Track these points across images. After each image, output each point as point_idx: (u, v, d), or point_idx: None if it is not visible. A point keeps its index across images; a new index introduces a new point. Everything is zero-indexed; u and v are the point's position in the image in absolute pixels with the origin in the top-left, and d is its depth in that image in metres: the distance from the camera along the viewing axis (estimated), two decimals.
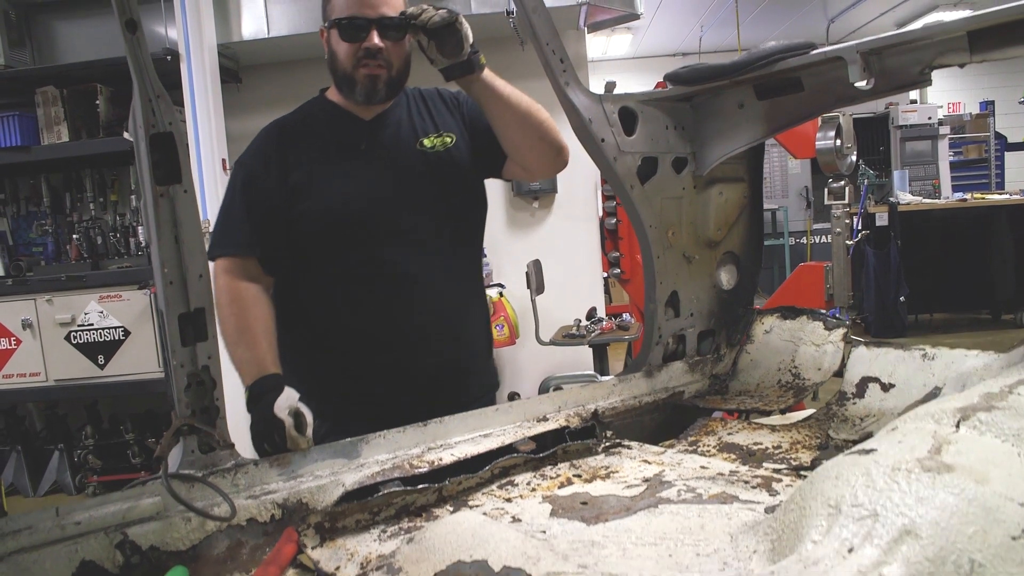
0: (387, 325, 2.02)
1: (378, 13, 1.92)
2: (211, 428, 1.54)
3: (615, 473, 1.74)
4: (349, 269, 2.01)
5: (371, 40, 1.92)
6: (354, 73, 1.95)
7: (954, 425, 1.20)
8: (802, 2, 11.14)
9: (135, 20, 1.39)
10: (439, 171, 2.08)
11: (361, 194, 2.00)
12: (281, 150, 2.01)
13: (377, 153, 2.04)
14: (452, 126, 2.14)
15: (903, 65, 1.84)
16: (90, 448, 5.15)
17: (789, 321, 2.30)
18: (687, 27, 12.09)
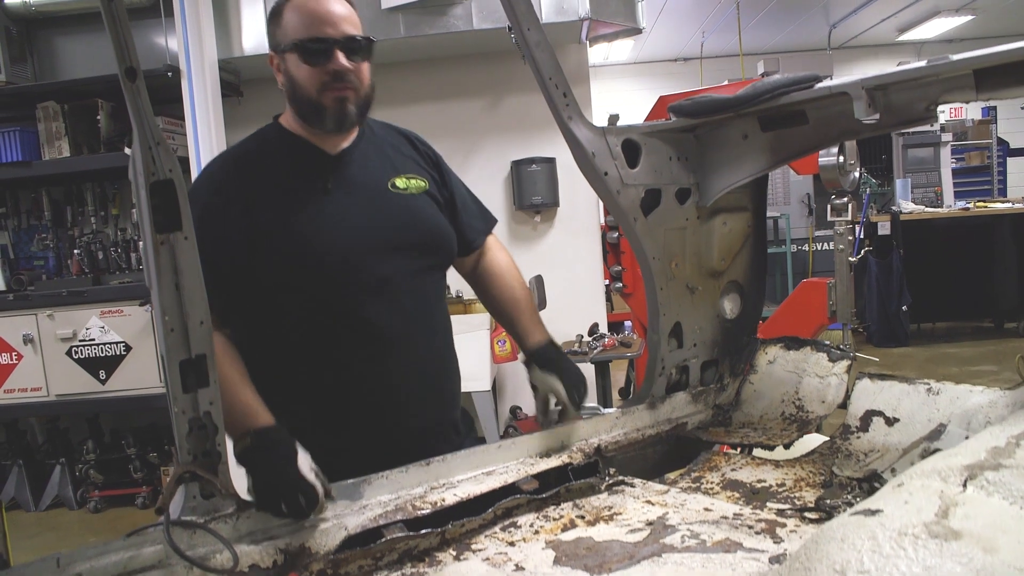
0: (364, 387, 1.85)
1: (341, 32, 1.78)
2: (213, 475, 1.52)
3: (618, 515, 1.72)
4: (320, 322, 1.82)
5: (337, 61, 1.76)
6: (320, 98, 1.78)
7: (961, 484, 1.19)
8: (804, 8, 11.13)
9: (135, 68, 1.37)
10: (413, 215, 1.92)
11: (332, 239, 1.81)
12: (239, 186, 1.81)
13: (346, 192, 1.86)
14: (424, 173, 2.00)
15: (909, 101, 1.83)
16: (92, 463, 5.15)
17: (793, 352, 2.29)
18: (689, 32, 12.09)
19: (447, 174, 2.06)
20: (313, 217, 1.81)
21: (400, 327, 1.86)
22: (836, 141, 2.08)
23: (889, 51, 13.21)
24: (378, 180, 1.91)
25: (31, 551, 4.53)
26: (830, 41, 12.47)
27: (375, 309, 1.83)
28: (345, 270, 1.81)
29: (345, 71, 1.77)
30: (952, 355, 7.62)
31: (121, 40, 1.36)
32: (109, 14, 1.34)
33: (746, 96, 1.98)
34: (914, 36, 12.82)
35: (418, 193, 1.95)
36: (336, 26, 1.77)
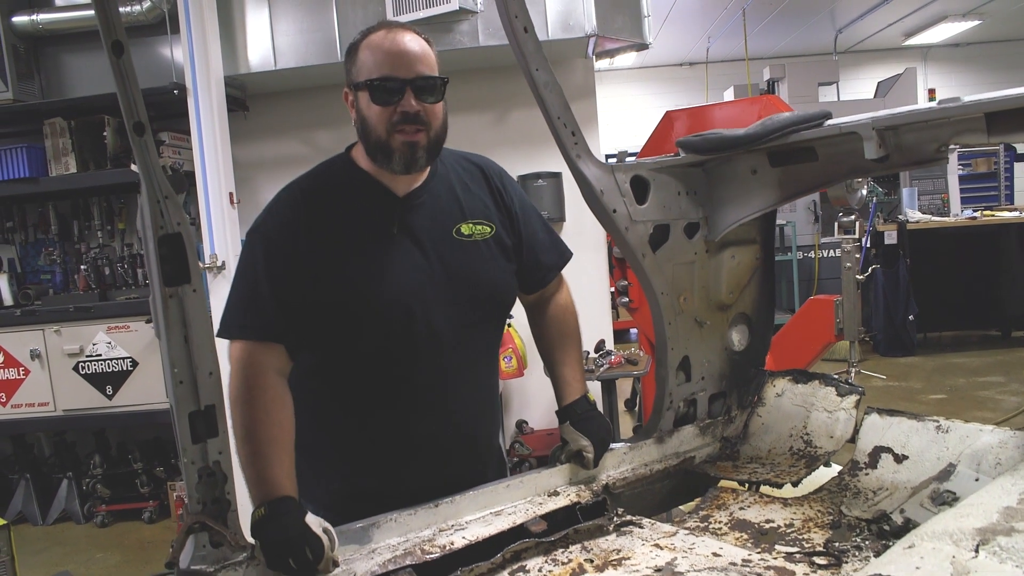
0: (396, 435, 1.85)
1: (414, 72, 1.75)
2: (223, 524, 1.52)
3: (627, 559, 1.72)
4: (362, 366, 1.82)
5: (407, 103, 1.73)
6: (389, 140, 1.75)
7: (973, 549, 1.18)
8: (810, 13, 11.11)
9: (143, 123, 1.38)
10: (474, 266, 1.88)
11: (389, 287, 1.78)
12: (307, 222, 1.78)
13: (411, 238, 1.83)
14: (492, 215, 1.94)
15: (919, 142, 1.82)
16: (98, 477, 5.16)
17: (801, 385, 2.28)
18: (694, 37, 12.07)
19: (520, 208, 2.00)
20: (374, 262, 1.79)
21: (440, 380, 1.86)
22: (845, 178, 2.07)
23: (895, 55, 13.19)
24: (444, 225, 1.87)
25: (38, 566, 4.54)
26: (836, 46, 12.43)
27: (419, 360, 1.83)
28: (396, 319, 1.79)
29: (415, 112, 1.74)
30: (959, 365, 7.59)
31: (129, 96, 1.36)
32: (117, 71, 1.35)
33: (756, 133, 1.98)
34: (920, 40, 12.79)
35: (482, 239, 1.90)
36: (408, 66, 1.75)
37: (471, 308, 1.88)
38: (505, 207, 1.97)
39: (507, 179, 2.03)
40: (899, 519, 1.83)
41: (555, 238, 2.10)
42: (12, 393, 5.01)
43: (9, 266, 5.50)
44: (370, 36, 1.79)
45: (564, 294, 2.15)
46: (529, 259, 2.00)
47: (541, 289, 2.08)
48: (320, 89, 5.17)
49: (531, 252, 2.01)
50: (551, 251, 2.07)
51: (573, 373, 2.06)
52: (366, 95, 1.75)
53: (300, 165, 1.88)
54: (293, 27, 4.71)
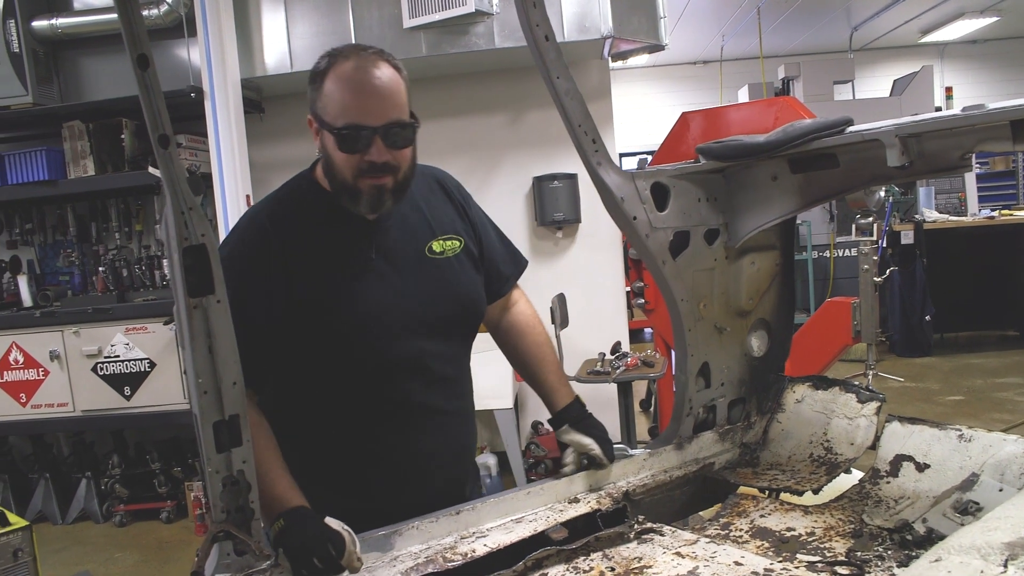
0: (392, 454, 1.84)
1: (384, 119, 1.65)
2: (247, 532, 1.53)
3: (648, 568, 1.71)
4: (351, 391, 1.80)
5: (376, 153, 1.66)
6: (356, 183, 1.69)
7: (1002, 564, 1.18)
8: (825, 10, 11.05)
9: (168, 136, 1.38)
10: (450, 285, 1.87)
11: (374, 313, 1.77)
12: (277, 250, 1.73)
13: (387, 261, 1.80)
14: (459, 228, 1.93)
15: (943, 150, 1.81)
16: (117, 477, 5.20)
17: (821, 391, 2.27)
18: (709, 35, 12.03)
19: (477, 218, 2.00)
20: (352, 289, 1.76)
21: (430, 397, 1.86)
22: (867, 184, 2.06)
23: (912, 53, 13.10)
24: (415, 245, 1.85)
25: (59, 565, 4.58)
26: (851, 43, 12.36)
27: (408, 381, 1.82)
28: (379, 345, 1.78)
29: (383, 162, 1.67)
30: (976, 366, 7.54)
31: (155, 109, 1.37)
32: (143, 83, 1.35)
33: (777, 140, 1.97)
34: (937, 38, 12.70)
35: (453, 255, 1.89)
36: (378, 111, 1.65)
37: (449, 325, 1.89)
38: (468, 218, 1.97)
39: (463, 190, 2.03)
40: (921, 529, 1.82)
41: (511, 247, 2.10)
42: (32, 394, 5.05)
43: (28, 268, 5.54)
44: (337, 66, 1.67)
45: (524, 303, 2.15)
46: (490, 269, 2.00)
47: (500, 299, 2.07)
48: None
49: (491, 262, 2.00)
50: (508, 260, 2.07)
51: (558, 380, 2.07)
52: (332, 138, 1.67)
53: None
54: (309, 29, 4.72)
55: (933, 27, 12.11)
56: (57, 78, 5.29)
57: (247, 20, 4.71)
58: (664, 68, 13.56)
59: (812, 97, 9.44)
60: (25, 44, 4.95)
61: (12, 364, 5.05)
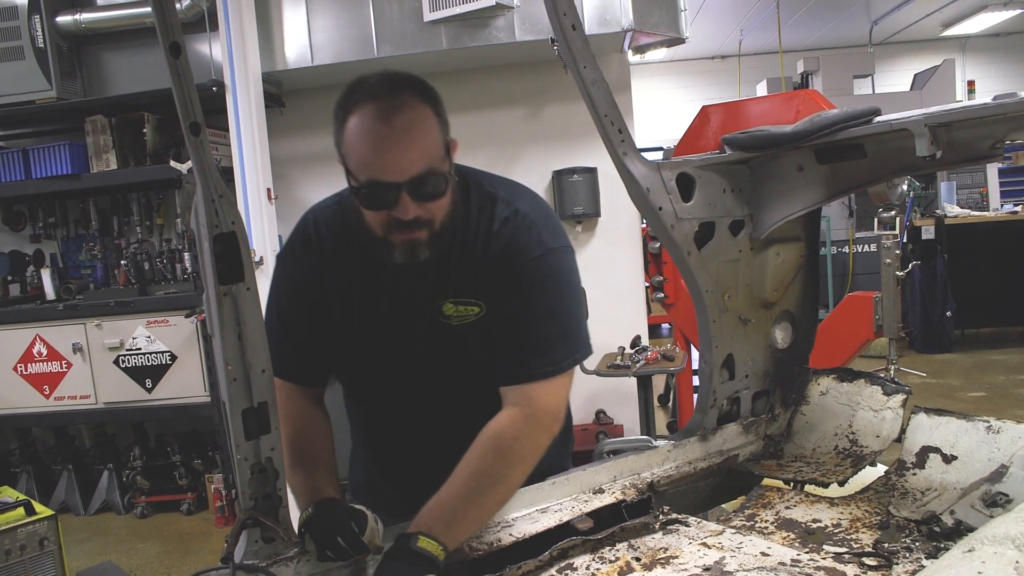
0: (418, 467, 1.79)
1: (408, 174, 1.49)
2: (274, 519, 1.55)
3: (674, 558, 1.71)
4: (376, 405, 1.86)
5: (403, 210, 1.51)
6: (388, 237, 1.57)
7: None
8: (845, 4, 10.96)
9: (199, 123, 1.39)
10: (453, 350, 1.73)
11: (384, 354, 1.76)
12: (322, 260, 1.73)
13: (400, 307, 1.72)
14: (483, 297, 1.68)
15: (973, 139, 1.79)
16: (138, 469, 5.24)
17: (846, 384, 2.26)
18: (727, 30, 11.97)
19: (518, 289, 1.66)
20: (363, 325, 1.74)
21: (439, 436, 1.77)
22: (894, 175, 2.04)
23: (933, 47, 12.98)
24: (427, 300, 1.70)
25: (82, 556, 4.62)
26: (871, 37, 12.25)
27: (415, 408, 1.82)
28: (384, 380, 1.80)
29: (412, 219, 1.53)
30: (998, 362, 7.48)
31: (186, 96, 1.38)
32: (175, 71, 1.36)
33: (804, 131, 1.95)
34: (959, 31, 12.57)
35: (458, 324, 1.70)
36: (400, 167, 1.48)
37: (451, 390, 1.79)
38: (505, 279, 1.66)
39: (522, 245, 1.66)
40: (949, 520, 1.80)
41: (552, 335, 1.68)
42: (55, 386, 5.11)
43: (51, 261, 5.60)
44: (356, 110, 1.51)
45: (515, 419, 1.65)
46: (504, 349, 1.68)
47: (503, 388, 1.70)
48: None
49: (507, 342, 1.68)
50: (529, 350, 1.67)
51: (436, 505, 1.59)
52: (356, 191, 1.55)
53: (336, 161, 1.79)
54: (330, 23, 4.73)
55: (955, 20, 11.98)
56: (80, 73, 5.33)
57: (268, 14, 4.72)
58: (682, 63, 13.50)
59: (831, 92, 9.37)
60: (49, 39, 5.00)
61: (36, 356, 5.10)
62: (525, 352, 1.66)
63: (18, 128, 5.50)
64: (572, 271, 1.76)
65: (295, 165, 5.38)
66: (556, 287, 1.70)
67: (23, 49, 4.97)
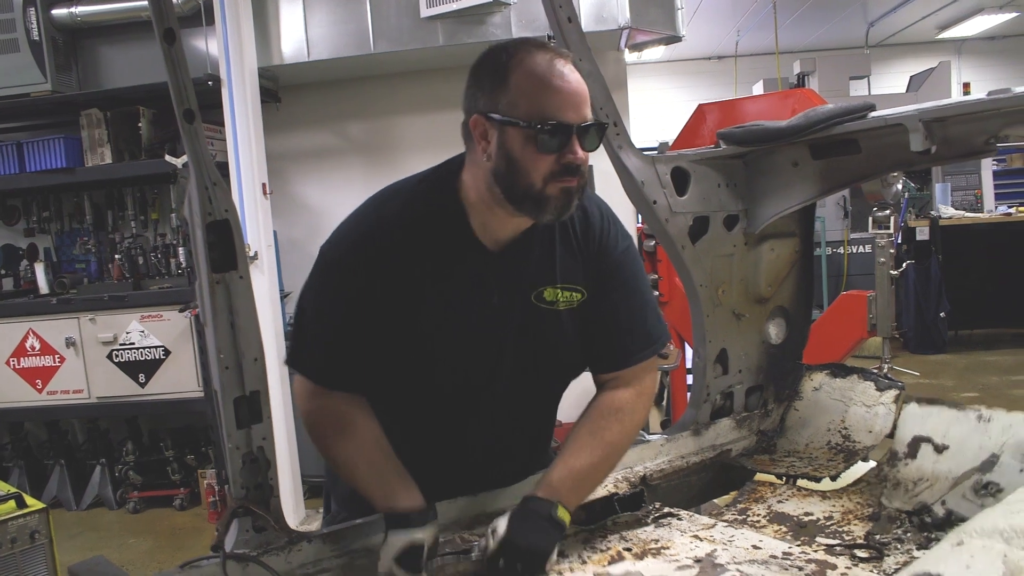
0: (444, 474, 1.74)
1: (582, 117, 1.51)
2: (266, 509, 1.54)
3: (666, 549, 1.71)
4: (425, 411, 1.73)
5: (574, 154, 1.49)
6: (545, 188, 1.51)
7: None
8: (841, 5, 10.99)
9: (193, 111, 1.39)
10: (549, 336, 1.70)
11: (472, 358, 1.67)
12: (399, 267, 1.60)
13: (499, 298, 1.66)
14: (589, 278, 1.72)
15: (968, 134, 1.80)
16: (131, 464, 5.22)
17: (839, 379, 2.27)
18: (724, 31, 11.98)
19: (616, 280, 1.75)
20: (452, 323, 1.64)
21: (494, 440, 1.78)
22: (889, 170, 2.05)
23: (928, 49, 13.00)
24: (527, 287, 1.67)
25: (74, 550, 4.60)
26: (868, 39, 12.28)
27: (474, 414, 1.74)
28: (459, 381, 1.70)
29: (581, 164, 1.52)
30: (991, 363, 7.50)
31: (180, 83, 1.38)
32: (169, 58, 1.36)
33: (798, 125, 1.96)
34: (955, 34, 12.60)
35: (567, 308, 1.70)
36: (579, 109, 1.51)
37: (537, 375, 1.75)
38: (601, 270, 1.73)
39: (612, 238, 1.75)
40: (941, 511, 1.81)
41: (647, 325, 1.79)
42: (48, 380, 5.08)
43: (45, 255, 5.58)
44: (526, 59, 1.51)
45: (630, 396, 1.77)
46: (610, 341, 1.76)
47: (612, 373, 1.79)
48: (352, 81, 5.20)
49: (616, 332, 1.76)
50: (637, 340, 1.78)
51: (568, 474, 1.67)
52: (522, 137, 1.49)
53: (332, 157, 1.76)
54: (326, 18, 4.73)
55: (951, 23, 12.01)
56: (76, 66, 5.31)
57: (264, 8, 4.72)
58: (679, 63, 13.51)
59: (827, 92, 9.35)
60: (45, 32, 4.97)
61: (29, 351, 5.08)
62: (631, 338, 1.77)
63: (12, 121, 5.46)
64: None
65: (291, 161, 5.38)
66: (644, 276, 1.84)
67: (18, 42, 4.93)
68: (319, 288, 1.67)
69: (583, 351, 1.77)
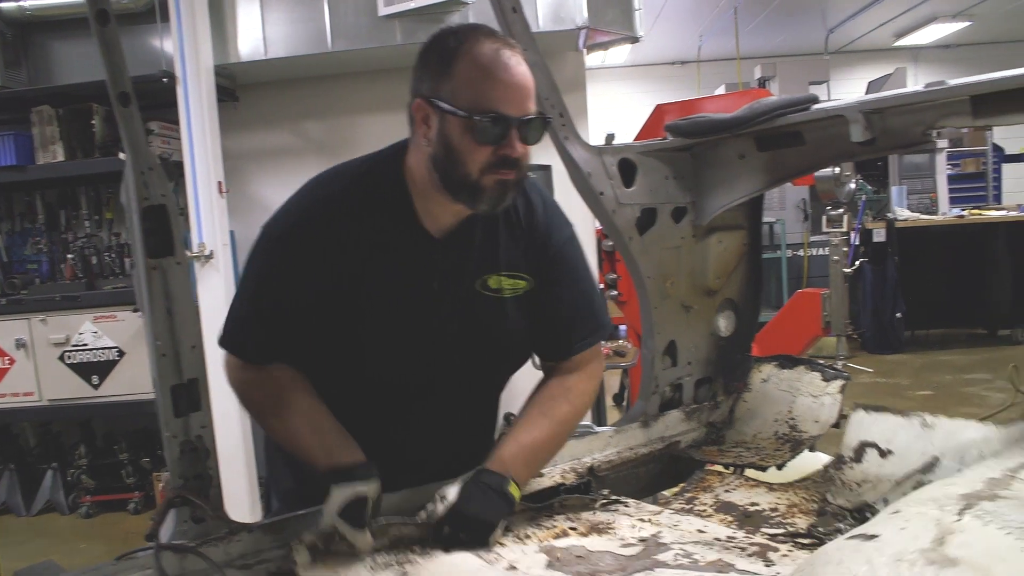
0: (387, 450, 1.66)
1: (524, 111, 1.51)
2: (204, 499, 1.52)
3: (611, 529, 1.72)
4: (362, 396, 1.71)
5: (512, 147, 1.50)
6: (481, 179, 1.52)
7: (957, 513, 1.19)
8: (801, 12, 11.16)
9: (128, 93, 1.37)
10: (492, 323, 1.71)
11: (411, 344, 1.67)
12: (341, 244, 1.60)
13: (442, 285, 1.66)
14: (532, 266, 1.73)
15: (905, 126, 1.82)
16: (84, 468, 5.11)
17: (787, 371, 2.29)
18: (686, 36, 12.11)
19: (561, 268, 1.78)
20: (392, 307, 1.64)
21: (436, 429, 1.77)
22: (833, 162, 2.08)
23: (886, 56, 13.24)
24: (470, 274, 1.69)
25: (22, 558, 4.51)
26: (827, 45, 12.47)
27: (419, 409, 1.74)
28: (397, 369, 1.69)
29: (518, 157, 1.53)
30: (946, 362, 7.64)
31: (114, 65, 1.36)
32: (102, 39, 1.34)
33: (743, 117, 1.98)
34: (911, 41, 12.85)
35: (510, 296, 1.71)
36: (521, 102, 1.51)
37: (481, 363, 1.75)
38: (545, 258, 1.75)
39: (556, 227, 1.78)
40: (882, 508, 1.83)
41: (593, 311, 1.84)
42: None
43: None
44: (472, 48, 1.51)
45: (577, 379, 1.83)
46: (556, 328, 1.79)
47: (559, 361, 1.84)
48: (311, 80, 5.15)
49: (563, 319, 1.79)
50: (582, 325, 1.82)
51: (519, 450, 1.71)
52: (462, 126, 1.49)
53: (291, 156, 1.76)
54: (284, 16, 4.69)
55: (907, 31, 12.26)
56: (26, 62, 5.20)
57: (221, 6, 4.65)
58: (643, 68, 13.62)
59: None
60: None
61: None
62: (577, 325, 1.81)
63: None
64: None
65: (249, 160, 5.32)
66: (587, 265, 1.87)
67: None
68: (258, 265, 1.67)
69: (530, 339, 1.79)
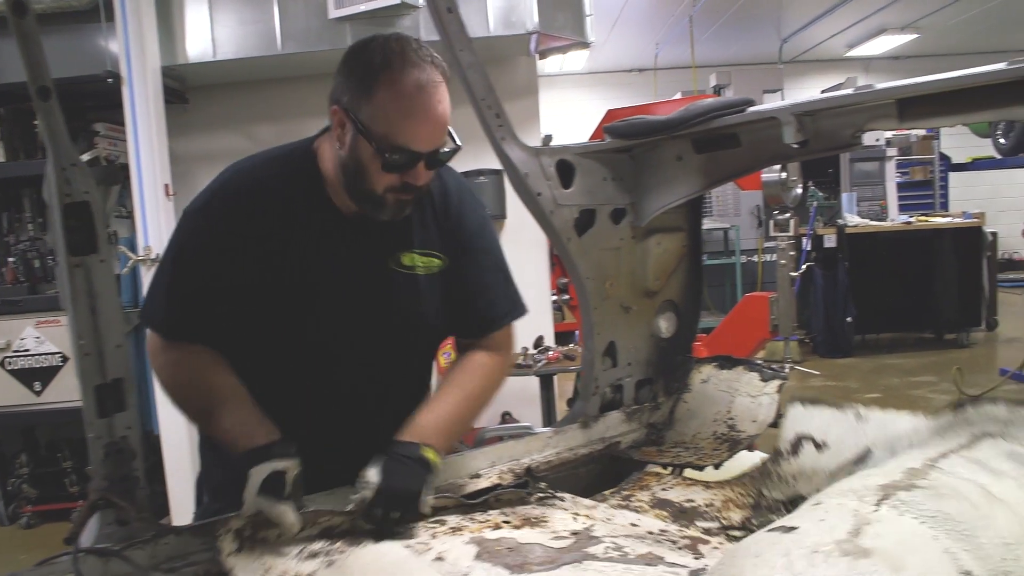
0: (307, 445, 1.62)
1: (433, 146, 1.59)
2: (129, 501, 1.50)
3: (545, 522, 1.72)
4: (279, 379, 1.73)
5: (416, 176, 1.59)
6: (384, 196, 1.61)
7: (875, 504, 1.21)
8: (756, 22, 11.30)
9: (48, 87, 1.35)
10: (406, 301, 1.76)
11: (324, 320, 1.70)
12: (253, 225, 1.65)
13: (352, 262, 1.71)
14: (447, 245, 1.80)
15: (836, 128, 1.86)
16: (25, 477, 4.99)
17: (726, 371, 2.32)
18: (643, 44, 12.19)
19: (475, 250, 1.86)
20: (305, 285, 1.69)
21: (359, 409, 1.79)
22: (768, 164, 2.11)
23: (838, 66, 13.46)
24: (383, 253, 1.74)
25: None
26: (781, 55, 12.65)
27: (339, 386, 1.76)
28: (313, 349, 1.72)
29: (420, 185, 1.62)
30: (894, 366, 7.78)
31: (33, 58, 1.34)
32: (20, 31, 1.32)
33: (679, 119, 2.00)
34: (862, 52, 13.09)
35: (424, 274, 1.77)
36: (432, 140, 1.58)
37: (398, 341, 1.79)
38: (456, 240, 1.82)
39: (469, 208, 1.86)
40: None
41: (508, 291, 1.93)
42: None
43: None
44: (395, 76, 1.54)
45: (491, 357, 1.89)
46: (471, 305, 1.86)
47: (475, 339, 1.90)
48: (261, 82, 5.12)
49: (477, 298, 1.86)
50: (496, 305, 1.90)
51: (433, 419, 1.74)
52: (372, 150, 1.55)
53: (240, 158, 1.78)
54: (233, 18, 4.65)
55: (858, 42, 12.48)
56: None
57: (169, 6, 4.61)
58: (599, 75, 13.70)
59: None
60: None
61: None
62: (491, 305, 1.88)
63: None
64: None
65: (198, 162, 5.23)
66: (499, 247, 1.96)
67: None
68: (175, 244, 1.73)
69: (445, 317, 1.84)
